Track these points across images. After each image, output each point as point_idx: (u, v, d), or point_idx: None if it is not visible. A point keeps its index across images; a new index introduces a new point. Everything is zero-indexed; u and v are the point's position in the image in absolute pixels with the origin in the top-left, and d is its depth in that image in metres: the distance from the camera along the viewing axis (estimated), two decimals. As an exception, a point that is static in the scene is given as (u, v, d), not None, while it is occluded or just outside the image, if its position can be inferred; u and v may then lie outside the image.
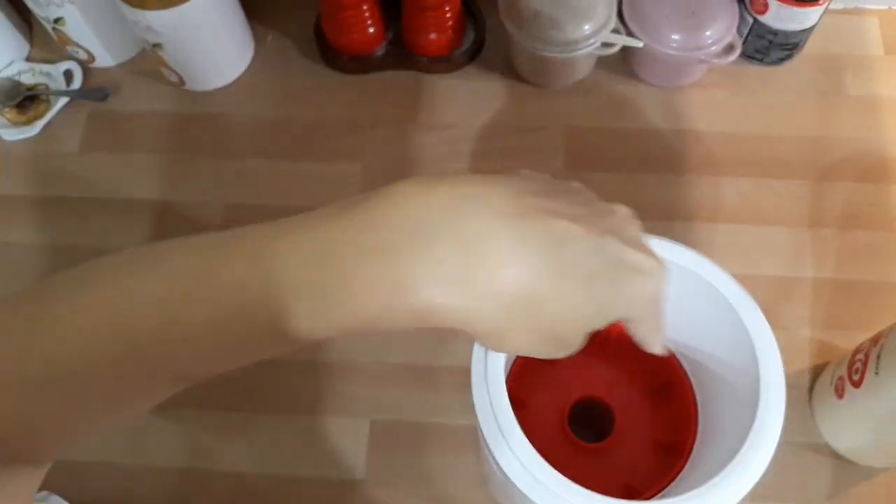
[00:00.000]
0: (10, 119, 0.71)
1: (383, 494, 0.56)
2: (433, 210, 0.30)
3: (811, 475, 0.56)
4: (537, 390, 0.54)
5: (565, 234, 0.32)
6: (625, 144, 0.68)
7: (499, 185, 0.32)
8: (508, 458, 0.40)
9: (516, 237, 0.30)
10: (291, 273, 0.29)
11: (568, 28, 0.65)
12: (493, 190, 0.31)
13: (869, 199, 0.65)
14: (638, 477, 0.51)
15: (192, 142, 0.70)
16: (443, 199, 0.30)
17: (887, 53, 0.71)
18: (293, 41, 0.74)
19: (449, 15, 0.67)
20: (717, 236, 0.64)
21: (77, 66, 0.73)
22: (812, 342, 0.60)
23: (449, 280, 0.29)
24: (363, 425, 0.58)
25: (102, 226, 0.66)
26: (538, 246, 0.31)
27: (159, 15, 0.63)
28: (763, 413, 0.41)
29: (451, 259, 0.29)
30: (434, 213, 0.30)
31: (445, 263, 0.29)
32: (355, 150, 0.69)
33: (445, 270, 0.29)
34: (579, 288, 0.32)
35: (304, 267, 0.29)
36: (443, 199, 0.30)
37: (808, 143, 0.67)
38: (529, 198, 0.32)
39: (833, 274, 0.62)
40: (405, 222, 0.30)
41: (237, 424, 0.59)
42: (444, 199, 0.30)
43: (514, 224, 0.31)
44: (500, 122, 0.69)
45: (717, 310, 0.45)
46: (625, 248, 0.33)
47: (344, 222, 0.30)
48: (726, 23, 0.66)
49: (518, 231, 0.31)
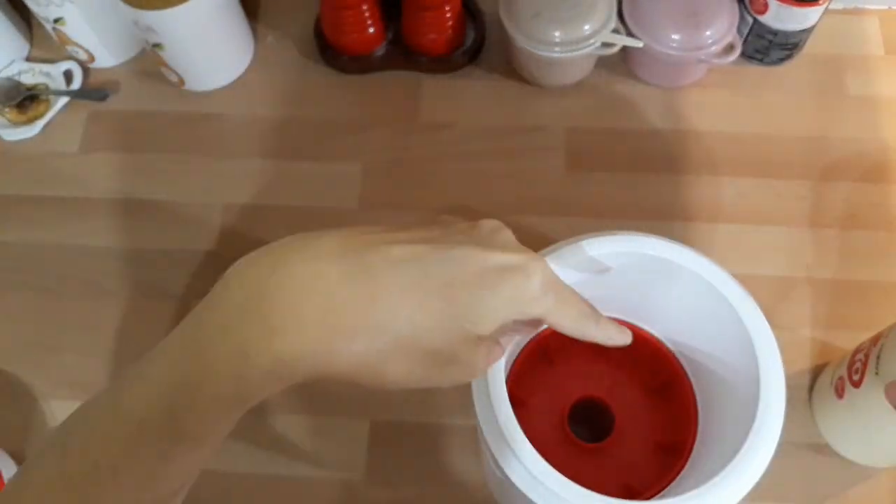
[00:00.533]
0: (10, 119, 0.71)
1: (383, 495, 0.56)
2: (262, 275, 0.31)
3: (811, 475, 0.56)
4: (537, 390, 0.54)
5: (407, 255, 0.32)
6: (625, 144, 0.68)
7: (324, 234, 0.33)
8: (508, 458, 0.39)
9: (349, 271, 0.31)
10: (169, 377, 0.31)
11: (568, 28, 0.65)
12: (317, 241, 0.32)
13: (869, 199, 0.65)
14: (638, 477, 0.51)
15: (192, 142, 0.70)
16: (269, 261, 0.32)
17: (887, 53, 0.71)
18: (293, 41, 0.74)
19: (449, 15, 0.67)
20: (718, 236, 0.64)
21: (77, 65, 0.73)
22: (812, 342, 0.60)
23: (289, 332, 0.30)
24: (363, 425, 0.58)
25: (102, 226, 0.66)
26: (377, 272, 0.31)
27: (159, 15, 0.63)
28: (763, 413, 0.41)
29: (284, 312, 0.30)
30: (262, 278, 0.31)
31: (279, 318, 0.30)
32: (355, 150, 0.69)
33: (282, 324, 0.30)
34: (435, 299, 0.32)
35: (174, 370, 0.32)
36: (269, 262, 0.32)
37: (808, 143, 0.67)
38: (361, 236, 0.33)
39: (833, 274, 0.62)
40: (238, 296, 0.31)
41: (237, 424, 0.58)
42: (270, 262, 0.32)
43: (344, 261, 0.31)
44: (499, 122, 0.69)
45: (717, 310, 0.45)
46: (486, 254, 0.33)
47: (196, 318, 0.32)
48: (726, 23, 0.66)
49: (349, 265, 0.31)
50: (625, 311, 0.54)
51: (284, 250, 0.32)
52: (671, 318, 0.52)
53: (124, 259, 0.65)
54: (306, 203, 0.66)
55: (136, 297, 0.63)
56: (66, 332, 0.62)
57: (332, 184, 0.67)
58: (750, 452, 0.40)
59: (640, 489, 0.50)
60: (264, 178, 0.68)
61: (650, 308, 0.53)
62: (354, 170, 0.68)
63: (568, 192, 0.66)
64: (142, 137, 0.70)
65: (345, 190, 0.67)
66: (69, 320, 0.63)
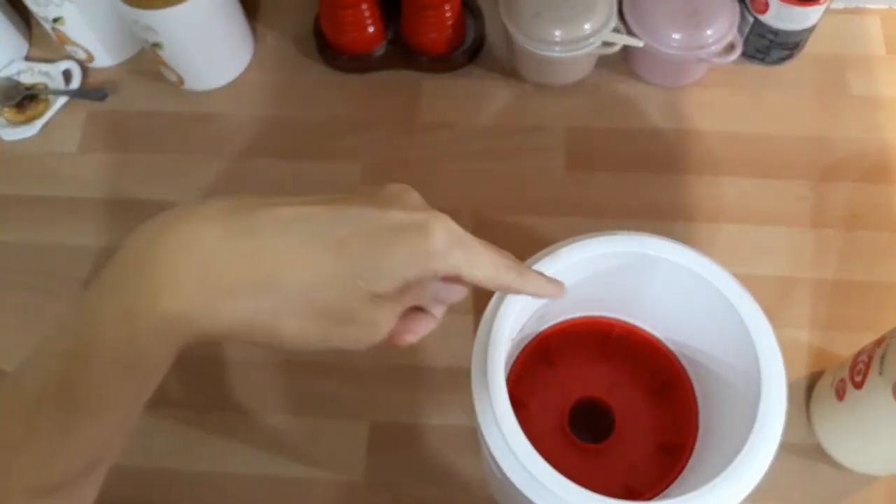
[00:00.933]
0: (9, 119, 0.71)
1: (383, 496, 0.56)
2: (149, 238, 0.32)
3: (811, 478, 0.55)
4: (537, 391, 0.54)
5: (296, 215, 0.32)
6: (625, 144, 0.68)
7: (214, 200, 0.33)
8: (508, 458, 0.39)
9: (233, 229, 0.31)
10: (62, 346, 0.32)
11: (568, 27, 0.64)
12: (206, 204, 0.32)
13: (870, 200, 0.65)
14: (638, 478, 0.51)
15: (192, 141, 0.70)
16: (156, 225, 0.32)
17: (889, 53, 0.71)
18: (292, 41, 0.74)
19: (449, 14, 0.67)
20: (718, 236, 0.64)
21: (76, 65, 0.73)
22: (813, 342, 0.59)
23: (170, 290, 0.30)
24: (363, 427, 0.58)
25: (101, 226, 0.66)
26: (262, 231, 0.31)
27: (158, 14, 0.63)
28: (764, 414, 0.41)
29: (166, 271, 0.31)
30: (149, 240, 0.31)
31: (161, 277, 0.30)
32: (355, 150, 0.68)
33: (164, 283, 0.30)
34: (326, 255, 0.31)
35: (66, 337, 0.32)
36: (156, 226, 0.32)
37: (809, 142, 0.67)
38: (251, 200, 0.33)
39: (834, 274, 0.62)
40: (128, 259, 0.32)
41: (236, 426, 0.58)
42: (158, 225, 0.32)
43: (228, 221, 0.32)
44: (500, 121, 0.69)
45: (718, 310, 0.45)
46: (382, 212, 0.33)
47: (89, 285, 0.32)
48: (727, 22, 0.66)
49: (233, 224, 0.31)
50: (625, 311, 0.54)
51: (174, 213, 0.32)
52: (671, 319, 0.52)
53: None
54: (306, 203, 0.66)
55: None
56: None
57: (332, 183, 0.67)
58: (751, 453, 0.40)
59: (641, 490, 0.50)
60: (264, 178, 0.68)
61: (650, 308, 0.53)
62: (354, 169, 0.68)
63: (568, 192, 0.66)
64: (141, 137, 0.70)
65: (344, 189, 0.66)
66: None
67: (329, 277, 0.32)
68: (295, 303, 0.32)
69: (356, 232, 0.32)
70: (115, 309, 0.31)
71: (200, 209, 0.32)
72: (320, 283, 0.32)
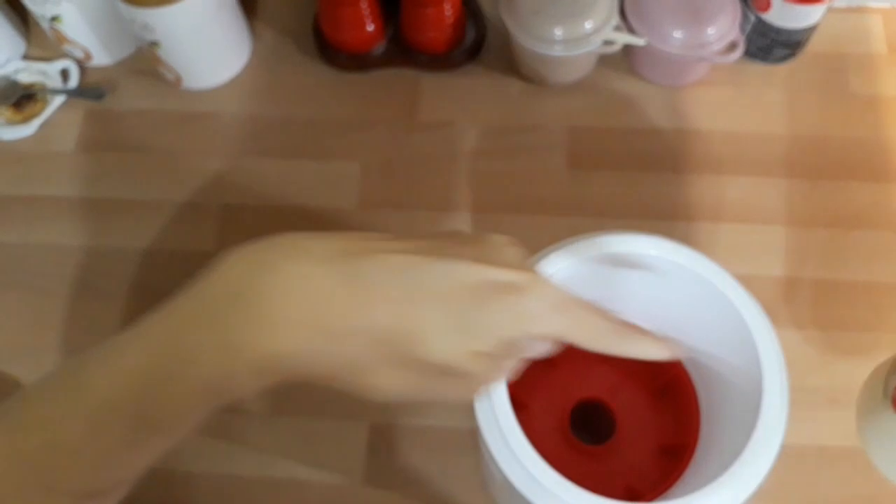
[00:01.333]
0: (7, 118, 0.71)
1: (383, 498, 0.56)
2: (251, 272, 0.31)
3: (811, 479, 0.55)
4: (538, 392, 0.54)
5: (402, 264, 0.32)
6: (626, 143, 0.67)
7: (318, 236, 0.33)
8: (509, 460, 0.39)
9: (344, 273, 0.31)
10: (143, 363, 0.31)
11: (569, 26, 0.64)
12: (311, 241, 0.32)
13: (872, 199, 0.65)
14: (640, 479, 0.51)
15: (190, 140, 0.69)
16: (258, 258, 0.32)
17: (891, 52, 0.71)
18: (291, 39, 0.74)
19: (449, 13, 0.67)
20: (719, 236, 0.63)
21: (74, 64, 0.72)
22: (813, 343, 0.59)
23: (280, 329, 0.30)
24: (362, 428, 0.58)
25: (99, 226, 0.66)
26: (371, 278, 0.31)
27: (156, 13, 0.62)
28: (766, 414, 0.41)
29: (274, 310, 0.30)
30: (252, 274, 0.31)
31: (269, 315, 0.30)
32: (354, 149, 0.68)
33: (272, 321, 0.30)
34: (433, 311, 0.32)
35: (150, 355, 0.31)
36: (258, 259, 0.31)
37: (810, 142, 0.67)
38: (355, 242, 0.32)
39: (835, 274, 0.62)
40: (227, 290, 0.31)
41: (236, 427, 0.58)
42: (260, 259, 0.31)
43: (338, 264, 0.31)
44: (500, 121, 0.69)
45: (719, 310, 0.45)
46: (483, 268, 0.33)
47: (176, 308, 0.32)
48: (729, 21, 0.66)
49: (344, 268, 0.31)
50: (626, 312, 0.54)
51: (276, 248, 0.32)
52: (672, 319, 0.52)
53: (122, 259, 0.64)
54: (305, 202, 0.66)
55: (133, 297, 0.63)
56: (63, 333, 0.62)
57: (331, 183, 0.66)
58: (753, 454, 0.40)
59: (643, 491, 0.50)
60: (262, 178, 0.67)
61: (651, 308, 0.52)
62: (353, 168, 0.67)
63: (569, 192, 0.65)
64: (139, 136, 0.70)
65: (343, 189, 0.66)
66: (66, 320, 0.62)
67: (437, 335, 0.32)
68: (402, 356, 0.32)
69: (460, 287, 0.32)
70: (214, 340, 0.30)
71: (309, 248, 0.32)
72: (429, 339, 0.32)
